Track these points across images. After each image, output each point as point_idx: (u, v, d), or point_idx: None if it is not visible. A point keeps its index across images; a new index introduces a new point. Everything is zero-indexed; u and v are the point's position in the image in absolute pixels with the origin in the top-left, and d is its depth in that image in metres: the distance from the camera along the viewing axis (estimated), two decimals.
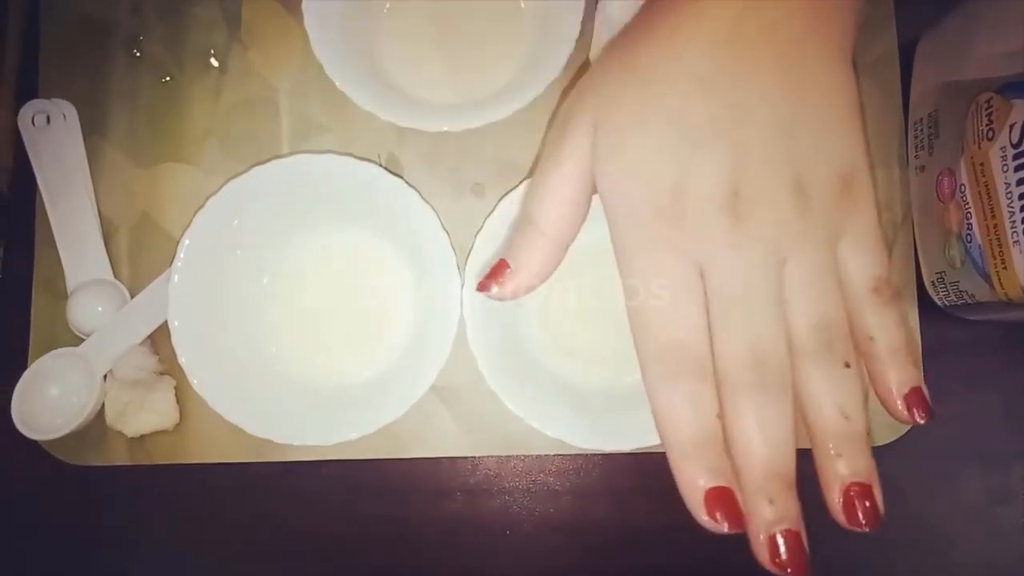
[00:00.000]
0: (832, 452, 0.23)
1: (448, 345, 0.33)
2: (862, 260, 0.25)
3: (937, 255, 0.36)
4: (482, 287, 0.27)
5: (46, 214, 0.37)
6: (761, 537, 0.22)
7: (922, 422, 0.25)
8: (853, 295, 0.25)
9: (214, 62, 0.39)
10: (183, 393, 0.37)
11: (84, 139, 0.38)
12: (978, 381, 0.38)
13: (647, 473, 0.37)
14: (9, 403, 0.35)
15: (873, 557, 0.38)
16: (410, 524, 0.38)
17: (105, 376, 0.36)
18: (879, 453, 0.36)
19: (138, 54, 0.39)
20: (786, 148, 0.24)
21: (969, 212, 0.33)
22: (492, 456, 0.38)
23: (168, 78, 0.39)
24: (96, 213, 0.38)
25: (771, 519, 0.22)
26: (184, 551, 0.38)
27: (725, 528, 0.22)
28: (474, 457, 0.38)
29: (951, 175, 0.34)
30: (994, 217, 0.32)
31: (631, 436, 0.33)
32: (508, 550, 0.38)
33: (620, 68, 0.26)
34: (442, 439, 0.37)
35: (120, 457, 0.37)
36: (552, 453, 0.38)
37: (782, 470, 0.22)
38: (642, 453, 0.34)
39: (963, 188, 0.33)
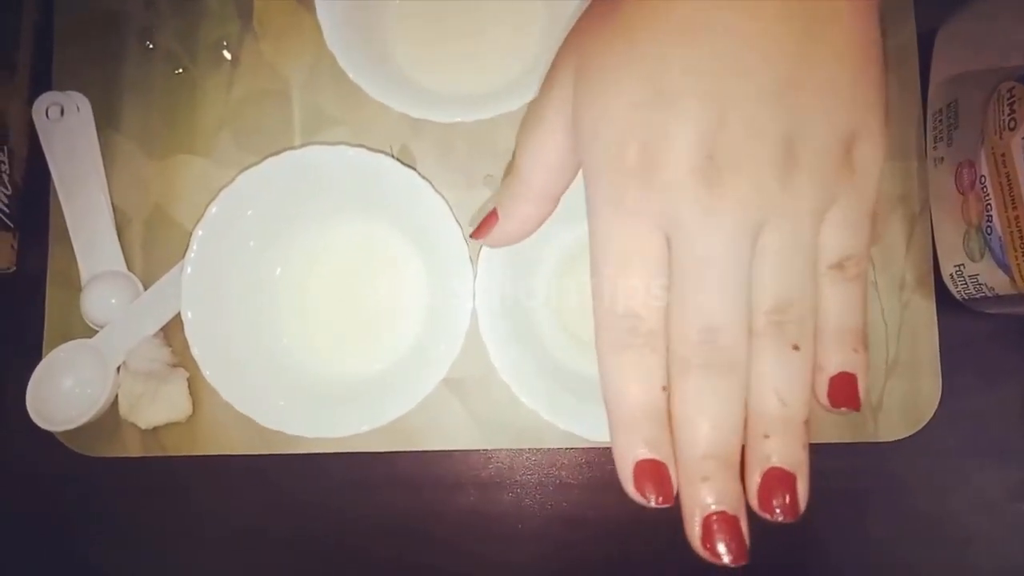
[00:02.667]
0: (759, 431, 0.22)
1: (460, 337, 0.33)
2: (839, 235, 0.22)
3: (956, 247, 0.35)
4: (474, 235, 0.28)
5: (60, 206, 0.37)
6: (695, 519, 0.21)
7: (844, 410, 0.23)
8: (817, 267, 0.23)
9: (227, 54, 0.39)
10: (196, 385, 0.37)
11: (98, 131, 0.38)
12: (997, 376, 0.38)
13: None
14: (24, 394, 0.35)
15: (890, 553, 0.38)
16: (422, 517, 0.38)
17: (118, 368, 0.36)
18: (896, 448, 0.37)
19: (151, 46, 0.39)
20: (777, 107, 0.21)
21: (989, 204, 0.33)
22: (504, 449, 0.38)
23: (181, 70, 0.39)
24: (109, 205, 0.38)
25: (706, 501, 0.21)
26: (197, 542, 0.38)
27: (653, 502, 0.21)
28: (486, 450, 0.38)
29: (971, 166, 0.34)
30: (1015, 208, 0.31)
31: None
32: (520, 543, 0.38)
33: (601, 15, 0.24)
34: (454, 432, 0.37)
35: (133, 449, 0.37)
36: (564, 447, 0.37)
37: (723, 451, 0.21)
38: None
39: (983, 179, 0.33)
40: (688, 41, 0.21)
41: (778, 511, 0.21)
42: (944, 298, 0.37)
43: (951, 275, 0.36)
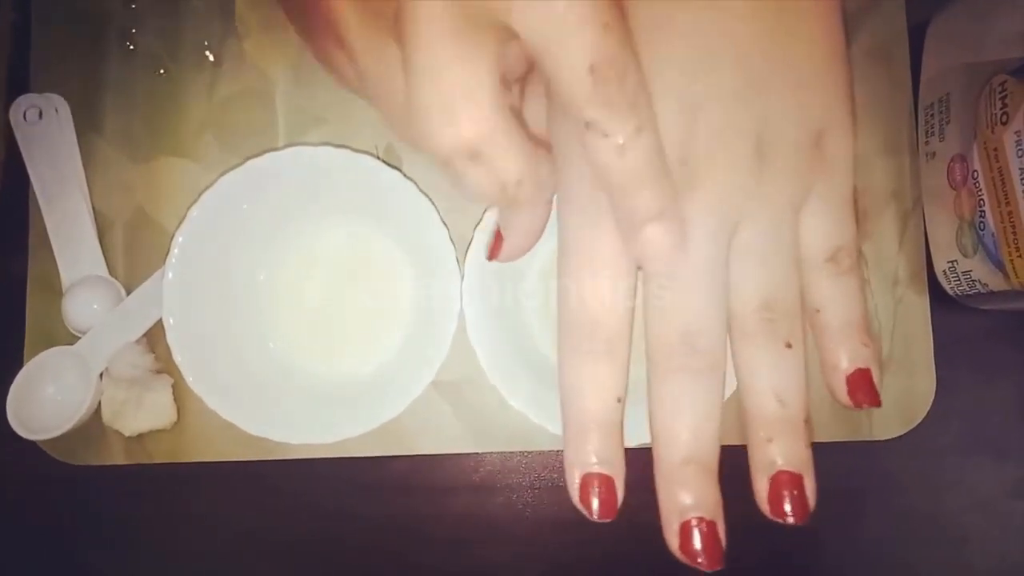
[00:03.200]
0: (762, 436, 0.21)
1: (448, 340, 0.32)
2: (822, 227, 0.22)
3: (948, 243, 0.35)
4: (490, 257, 0.29)
5: (39, 210, 0.37)
6: (673, 525, 0.21)
7: (865, 407, 0.23)
8: (807, 264, 0.23)
9: (209, 55, 0.39)
10: (180, 391, 0.36)
11: (77, 134, 0.38)
12: (991, 372, 0.38)
13: (651, 467, 0.36)
14: (4, 402, 0.34)
15: (886, 551, 0.37)
16: (413, 522, 0.37)
17: (101, 375, 0.36)
18: (891, 447, 0.36)
19: (131, 47, 0.39)
20: (747, 105, 0.21)
21: (982, 199, 0.32)
22: (495, 452, 0.37)
23: (162, 71, 0.39)
24: (90, 209, 0.37)
25: (685, 506, 0.21)
26: (183, 551, 0.37)
27: (595, 515, 0.21)
28: (477, 453, 0.37)
29: (963, 161, 0.33)
30: (1008, 204, 0.31)
31: (634, 431, 0.32)
32: (512, 546, 0.37)
33: None
34: (444, 436, 0.36)
35: (117, 456, 0.37)
36: (556, 449, 0.37)
37: (701, 456, 0.21)
38: (645, 448, 0.34)
39: (976, 174, 0.33)
40: (655, 41, 0.21)
41: (789, 514, 0.21)
42: (937, 294, 0.37)
43: (944, 271, 0.36)
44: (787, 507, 0.21)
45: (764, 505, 0.21)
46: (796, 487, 0.21)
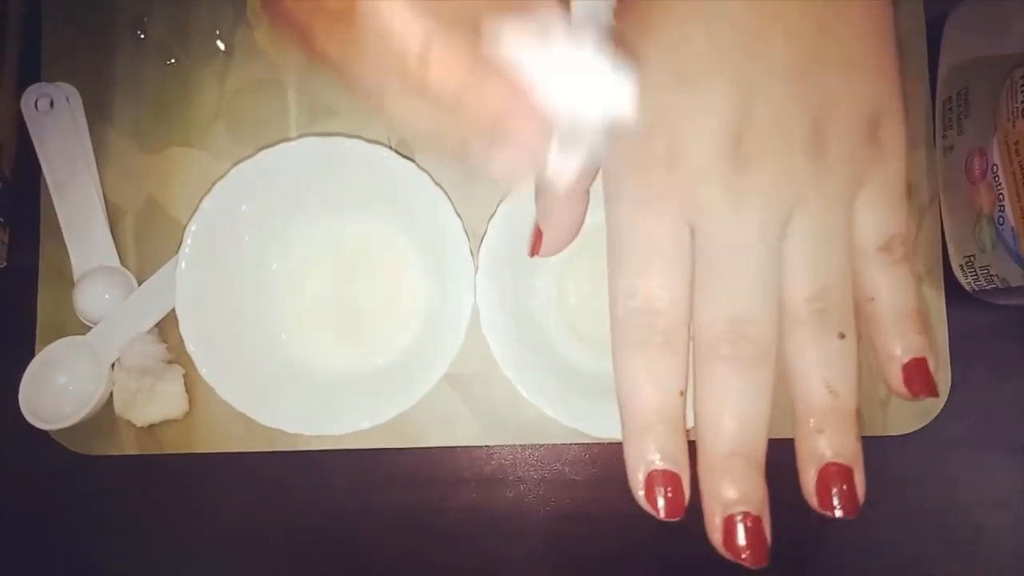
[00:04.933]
0: (813, 427, 0.21)
1: (461, 332, 0.32)
2: (877, 215, 0.22)
3: (966, 238, 0.35)
4: (531, 253, 0.28)
5: (51, 200, 0.37)
6: (717, 519, 0.20)
7: (922, 397, 0.22)
8: (859, 253, 0.22)
9: (220, 44, 0.38)
10: (192, 382, 0.36)
11: (88, 123, 0.37)
12: (1006, 368, 0.37)
13: None
14: (16, 392, 0.34)
15: (900, 546, 0.37)
16: (424, 514, 0.37)
17: (113, 365, 0.36)
18: (905, 442, 0.36)
19: (142, 36, 0.38)
20: (802, 86, 0.20)
21: (1001, 193, 0.32)
22: (507, 445, 0.37)
23: (173, 60, 0.38)
24: (102, 199, 0.37)
25: (729, 500, 0.20)
26: (193, 541, 0.37)
27: (661, 514, 0.21)
28: (488, 446, 0.37)
29: (982, 155, 0.33)
30: None
31: None
32: (523, 540, 0.37)
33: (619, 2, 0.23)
34: (456, 428, 0.36)
35: (129, 447, 0.37)
36: (567, 442, 0.37)
37: (749, 449, 0.20)
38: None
39: (995, 168, 0.32)
40: (704, 26, 0.21)
41: (838, 507, 0.21)
42: (953, 290, 0.36)
43: (961, 266, 0.35)
44: (835, 500, 0.21)
45: (812, 498, 0.21)
46: (846, 480, 0.21)
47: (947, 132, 0.36)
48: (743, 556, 0.20)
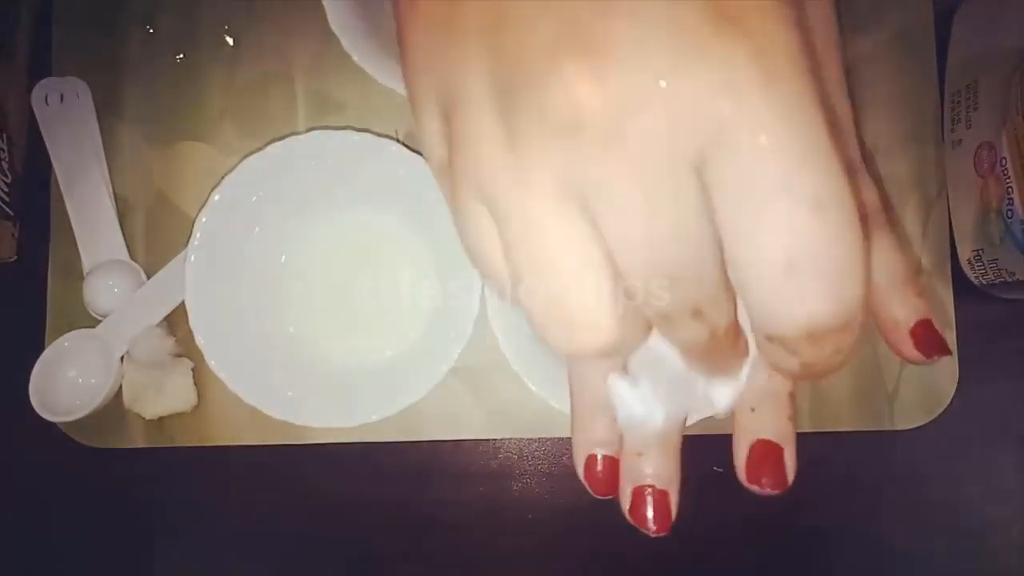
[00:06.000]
0: (746, 405, 0.21)
1: (469, 325, 0.32)
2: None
3: (974, 232, 0.35)
4: None
5: (61, 194, 0.37)
6: (627, 489, 0.21)
7: (936, 359, 0.22)
8: None
9: (228, 39, 0.38)
10: (201, 375, 0.36)
11: (98, 118, 0.38)
12: (1013, 363, 0.37)
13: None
14: (26, 385, 0.34)
15: (907, 540, 0.37)
16: (430, 506, 0.37)
17: (122, 358, 0.36)
18: (912, 436, 0.36)
19: (151, 31, 0.39)
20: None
21: (1010, 187, 0.32)
22: (513, 439, 0.37)
23: (182, 55, 0.38)
24: (111, 193, 0.37)
25: (641, 473, 0.21)
26: (202, 533, 0.38)
27: (598, 495, 0.22)
28: (495, 440, 0.37)
29: (991, 148, 0.33)
30: None
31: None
32: (530, 533, 0.37)
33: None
34: (463, 422, 0.36)
35: (138, 439, 0.37)
36: None
37: (665, 430, 0.21)
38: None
39: (1004, 161, 0.32)
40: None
41: (766, 483, 0.21)
42: (961, 284, 0.36)
43: (969, 260, 0.35)
44: (764, 477, 0.21)
45: (742, 473, 0.21)
46: (776, 457, 0.21)
47: (955, 126, 0.36)
48: (646, 523, 0.21)
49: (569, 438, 0.37)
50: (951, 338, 0.36)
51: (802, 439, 0.22)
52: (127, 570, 0.38)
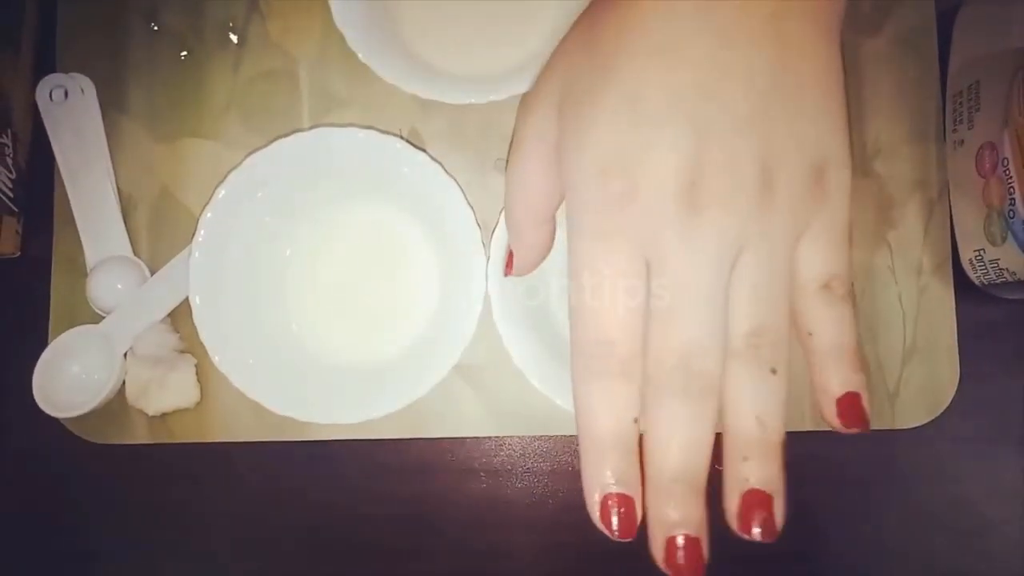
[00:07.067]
0: (738, 454, 0.22)
1: (473, 322, 0.32)
2: (819, 255, 0.23)
3: (976, 232, 0.35)
4: (506, 272, 0.31)
5: (65, 190, 0.37)
6: (660, 538, 0.22)
7: (854, 431, 0.23)
8: (801, 290, 0.23)
9: (233, 36, 0.38)
10: (204, 371, 0.36)
11: (102, 114, 0.38)
12: (1015, 362, 0.37)
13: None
14: (30, 380, 0.35)
15: (906, 541, 0.37)
16: (433, 504, 0.37)
17: (126, 354, 0.36)
18: (913, 436, 0.36)
19: (156, 27, 0.39)
20: (754, 131, 0.21)
21: (1012, 187, 0.32)
22: (516, 436, 0.37)
23: (186, 52, 0.39)
24: (115, 189, 0.37)
25: (671, 521, 0.21)
26: (205, 530, 0.38)
27: (615, 534, 0.22)
28: (498, 437, 0.37)
29: (993, 149, 0.33)
30: None
31: None
32: (533, 531, 0.37)
33: (580, 40, 0.24)
34: (466, 419, 0.36)
35: (141, 436, 0.37)
36: (576, 434, 0.37)
37: (690, 475, 0.22)
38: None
39: (1006, 162, 0.32)
40: (666, 66, 0.22)
41: (757, 531, 0.22)
42: (962, 284, 0.36)
43: (970, 260, 0.36)
44: (755, 525, 0.22)
45: (733, 521, 0.22)
46: (766, 507, 0.22)
47: (957, 126, 0.36)
48: (681, 574, 0.21)
49: (571, 436, 0.37)
50: (952, 338, 0.37)
51: (803, 438, 0.23)
52: (130, 566, 0.38)
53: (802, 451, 0.23)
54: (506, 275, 0.31)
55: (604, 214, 0.22)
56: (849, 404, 0.23)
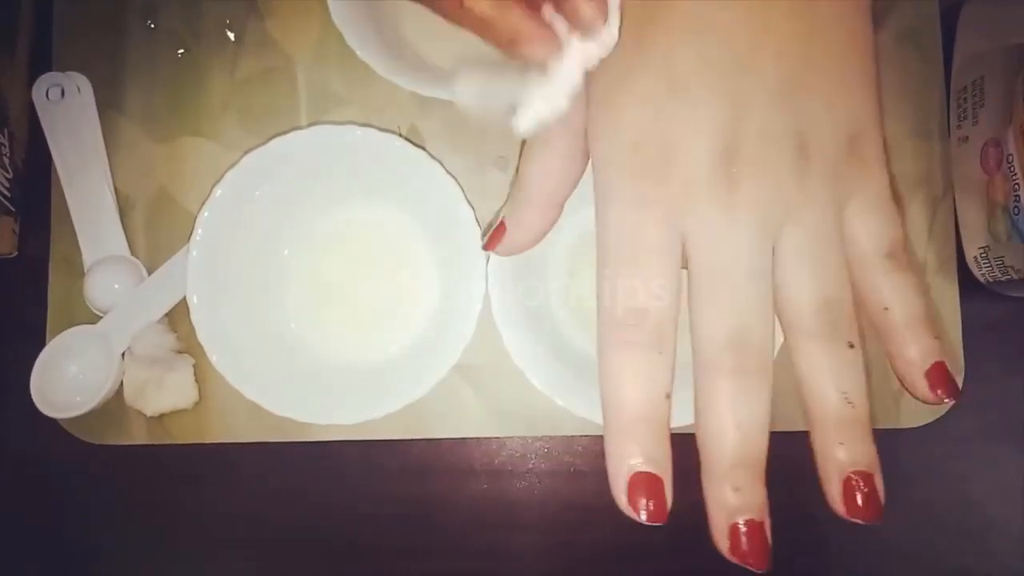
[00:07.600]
0: (833, 439, 0.21)
1: (473, 321, 0.32)
2: (870, 225, 0.22)
3: (980, 229, 0.35)
4: (486, 246, 0.28)
5: (62, 190, 0.37)
6: (722, 525, 0.21)
7: (947, 401, 0.23)
8: (862, 262, 0.23)
9: (230, 34, 0.38)
10: (202, 371, 0.36)
11: (99, 113, 0.37)
12: (1021, 360, 0.37)
13: (674, 453, 0.36)
14: (27, 381, 0.34)
15: (911, 538, 0.37)
16: (434, 505, 0.37)
17: (123, 354, 0.36)
18: (918, 434, 0.36)
19: (152, 25, 0.38)
20: (789, 103, 0.21)
21: (1017, 183, 0.32)
22: (517, 437, 0.37)
23: (183, 50, 0.38)
24: (112, 188, 0.37)
25: (734, 507, 0.21)
26: (202, 529, 0.37)
27: (643, 518, 0.21)
28: (499, 438, 0.37)
29: (997, 145, 0.33)
30: None
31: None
32: (533, 531, 0.37)
33: None
34: (466, 419, 0.36)
35: (139, 436, 0.37)
36: (578, 434, 0.37)
37: (751, 458, 0.21)
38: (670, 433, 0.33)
39: (1011, 158, 0.32)
40: (696, 38, 0.22)
41: (865, 512, 0.21)
42: (967, 281, 0.36)
43: (975, 257, 0.35)
44: (862, 507, 0.21)
45: (839, 507, 0.21)
46: (869, 486, 0.21)
47: (962, 123, 0.36)
48: (749, 561, 0.21)
49: (572, 437, 0.37)
50: (957, 336, 0.36)
51: (803, 438, 0.22)
52: (128, 566, 0.38)
53: (802, 451, 0.22)
54: (486, 249, 0.29)
55: (638, 182, 0.22)
56: (938, 374, 0.22)
